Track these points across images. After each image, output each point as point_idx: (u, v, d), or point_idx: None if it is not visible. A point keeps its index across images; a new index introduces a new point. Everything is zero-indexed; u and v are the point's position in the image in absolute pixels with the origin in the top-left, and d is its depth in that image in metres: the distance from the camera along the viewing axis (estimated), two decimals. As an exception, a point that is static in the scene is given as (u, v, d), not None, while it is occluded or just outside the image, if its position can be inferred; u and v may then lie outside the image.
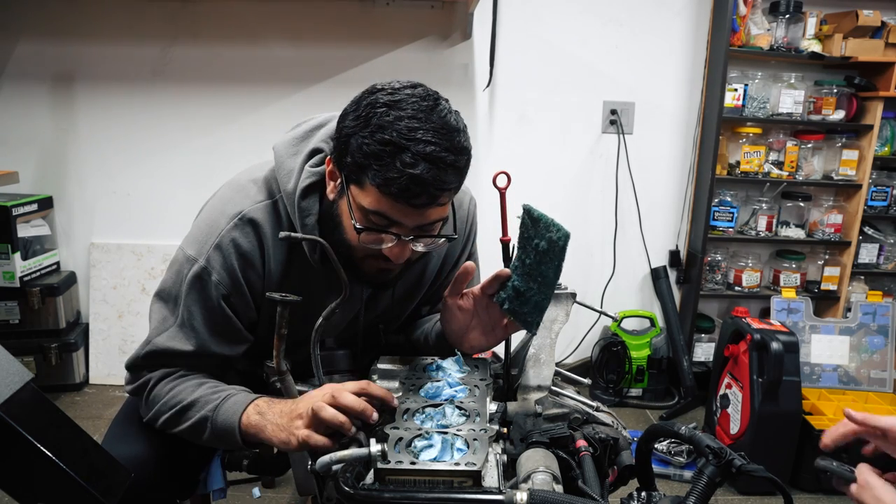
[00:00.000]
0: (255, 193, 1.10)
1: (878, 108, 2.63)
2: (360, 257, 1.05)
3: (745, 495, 2.14)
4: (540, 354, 1.07)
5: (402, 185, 0.92)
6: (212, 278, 1.05)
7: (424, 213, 0.97)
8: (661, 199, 2.87)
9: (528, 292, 1.00)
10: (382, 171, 0.92)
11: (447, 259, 1.28)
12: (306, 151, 1.09)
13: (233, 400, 1.02)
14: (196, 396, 1.04)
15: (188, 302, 1.06)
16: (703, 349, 2.84)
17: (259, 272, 1.09)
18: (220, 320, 1.08)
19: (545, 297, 0.99)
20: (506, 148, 2.77)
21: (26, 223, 2.54)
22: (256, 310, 1.12)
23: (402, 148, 0.91)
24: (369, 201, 0.96)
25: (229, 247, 1.06)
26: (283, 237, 0.97)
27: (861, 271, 2.82)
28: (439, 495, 0.79)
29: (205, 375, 1.10)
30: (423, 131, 0.92)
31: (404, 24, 2.63)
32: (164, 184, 2.72)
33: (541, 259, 0.96)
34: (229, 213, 1.07)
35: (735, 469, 0.79)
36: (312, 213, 1.06)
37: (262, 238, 1.08)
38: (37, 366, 2.59)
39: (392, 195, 0.93)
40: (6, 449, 0.78)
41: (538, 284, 0.98)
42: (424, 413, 0.95)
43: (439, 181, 0.93)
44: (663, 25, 2.71)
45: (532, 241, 0.97)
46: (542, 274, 0.97)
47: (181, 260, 1.08)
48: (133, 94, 2.65)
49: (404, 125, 0.92)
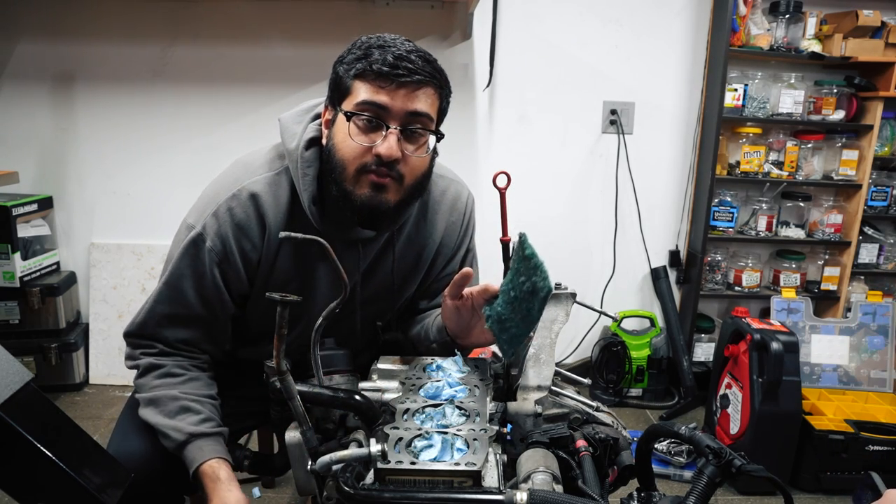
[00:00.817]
0: (258, 168, 1.14)
1: (878, 108, 2.63)
2: (354, 175, 1.06)
3: (745, 495, 2.14)
4: (540, 354, 1.07)
5: (382, 61, 1.02)
6: (206, 244, 1.10)
7: (408, 97, 1.03)
8: (661, 199, 2.87)
9: (508, 322, 1.01)
10: (364, 62, 1.03)
11: (443, 247, 1.29)
12: (311, 116, 1.16)
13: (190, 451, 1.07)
14: (163, 416, 1.08)
15: (180, 265, 1.11)
16: (703, 349, 2.84)
17: (255, 243, 1.12)
18: (209, 286, 1.12)
19: (522, 332, 1.01)
20: (506, 148, 2.77)
21: (26, 223, 2.54)
22: (250, 283, 1.16)
23: (380, 46, 1.04)
24: (356, 97, 1.04)
25: (225, 215, 1.10)
26: (283, 237, 0.98)
27: (861, 271, 2.82)
28: (439, 495, 0.79)
29: (188, 366, 1.14)
30: (401, 42, 1.06)
31: (404, 24, 2.63)
32: (165, 184, 2.72)
33: (525, 297, 0.97)
34: (230, 186, 1.12)
35: (735, 469, 0.79)
36: (313, 165, 1.11)
37: (262, 209, 1.11)
38: (37, 366, 2.59)
39: (374, 74, 1.02)
40: (6, 449, 0.78)
41: (519, 317, 0.99)
42: (424, 413, 0.95)
43: (416, 60, 1.04)
44: (663, 25, 2.71)
45: (520, 277, 0.97)
46: (525, 310, 0.98)
47: (181, 228, 1.14)
48: (133, 95, 2.65)
49: (383, 36, 1.07)
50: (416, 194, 1.13)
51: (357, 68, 1.03)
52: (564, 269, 2.84)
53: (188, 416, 1.08)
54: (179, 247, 1.12)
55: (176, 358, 1.14)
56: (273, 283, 1.15)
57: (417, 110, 1.05)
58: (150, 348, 1.14)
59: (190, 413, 1.08)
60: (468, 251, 1.34)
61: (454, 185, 1.29)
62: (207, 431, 1.08)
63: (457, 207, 1.28)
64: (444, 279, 1.31)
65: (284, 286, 1.13)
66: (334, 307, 0.97)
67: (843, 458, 2.13)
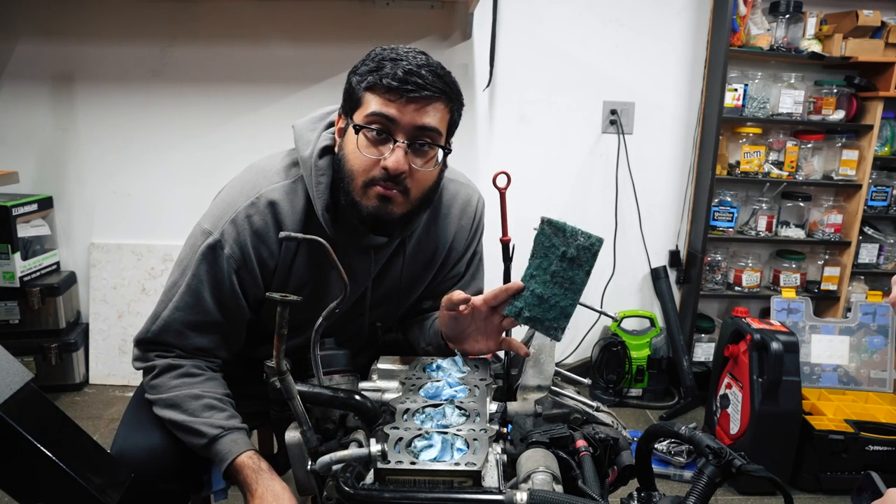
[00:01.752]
0: (275, 175, 1.15)
1: (878, 108, 2.63)
2: (362, 187, 1.07)
3: (745, 495, 2.14)
4: (540, 354, 1.07)
5: (392, 75, 1.03)
6: (224, 251, 1.10)
7: (417, 111, 1.04)
8: (661, 199, 2.87)
9: (554, 297, 1.03)
10: (375, 75, 1.04)
11: (453, 251, 1.30)
12: (324, 123, 1.17)
13: (223, 446, 1.06)
14: (186, 415, 1.08)
15: (198, 271, 1.11)
16: (703, 349, 2.84)
17: (273, 250, 1.13)
18: (227, 293, 1.12)
19: (572, 303, 1.03)
20: (506, 148, 2.77)
21: (26, 223, 2.54)
22: (266, 289, 1.16)
23: (393, 59, 1.05)
24: (366, 109, 1.05)
25: (244, 223, 1.10)
26: (283, 237, 0.98)
27: (861, 271, 2.82)
28: (439, 495, 0.79)
29: (204, 367, 1.14)
30: (413, 55, 1.07)
31: (404, 24, 2.63)
32: (165, 184, 2.72)
33: (568, 265, 1.01)
34: (248, 193, 1.12)
35: (735, 469, 0.79)
36: (326, 174, 1.12)
37: (279, 217, 1.12)
38: (37, 366, 2.59)
39: (384, 87, 1.03)
40: (6, 449, 0.78)
41: (564, 290, 1.02)
42: (424, 413, 0.95)
43: (426, 75, 1.04)
44: (663, 25, 2.71)
45: (557, 250, 1.01)
46: (571, 279, 1.02)
47: (196, 233, 1.13)
48: (133, 94, 2.65)
49: (397, 49, 1.08)
50: (423, 206, 1.14)
51: (368, 81, 1.05)
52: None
53: (216, 413, 1.09)
54: (196, 253, 1.11)
55: (193, 360, 1.15)
56: (288, 288, 1.15)
57: (426, 125, 1.05)
58: (166, 352, 1.14)
59: (216, 410, 1.09)
60: (474, 254, 1.35)
61: (465, 189, 1.30)
62: (239, 426, 1.09)
63: (467, 212, 1.29)
64: (449, 280, 1.32)
65: (298, 291, 1.13)
66: (334, 307, 0.97)
67: (843, 458, 2.13)
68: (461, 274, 1.33)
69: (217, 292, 1.12)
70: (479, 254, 1.36)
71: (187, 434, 1.08)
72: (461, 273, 1.33)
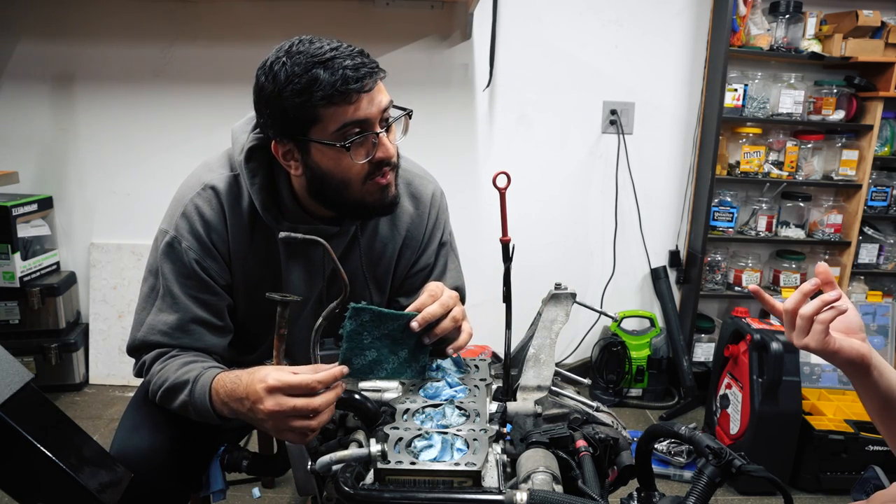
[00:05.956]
0: (217, 167, 1.18)
1: (877, 108, 2.63)
2: (361, 186, 1.09)
3: (745, 495, 2.14)
4: (540, 354, 1.07)
5: (342, 80, 0.99)
6: (182, 245, 1.13)
7: (375, 96, 1.04)
8: (661, 199, 2.87)
9: (381, 355, 1.03)
10: (323, 86, 0.99)
11: (409, 240, 1.30)
12: (252, 125, 1.17)
13: (199, 384, 1.03)
14: (173, 379, 1.06)
15: (164, 271, 1.13)
16: (703, 349, 2.84)
17: (222, 236, 1.15)
18: (196, 284, 1.14)
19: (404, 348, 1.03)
20: (506, 148, 2.77)
21: (26, 223, 2.54)
22: (231, 275, 1.18)
23: (322, 63, 1.00)
24: (332, 124, 1.02)
25: (193, 213, 1.13)
26: (283, 237, 0.98)
27: (861, 271, 2.82)
28: (439, 495, 0.79)
29: (194, 353, 1.13)
30: (331, 47, 1.02)
31: (404, 24, 2.63)
32: (165, 184, 2.68)
33: (390, 333, 1.01)
34: (193, 185, 1.16)
35: (735, 469, 0.79)
36: (258, 174, 1.13)
37: (223, 204, 1.15)
38: (37, 366, 2.59)
39: (341, 96, 1.00)
40: (6, 449, 0.78)
41: (388, 349, 1.02)
42: (424, 413, 0.95)
43: (363, 60, 1.02)
44: (663, 25, 2.71)
45: (378, 329, 1.01)
46: (390, 335, 1.02)
47: (157, 236, 1.17)
48: (133, 95, 2.65)
49: (308, 50, 1.01)
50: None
51: (318, 96, 1.00)
52: (564, 269, 2.84)
53: (195, 364, 1.08)
54: (158, 254, 1.14)
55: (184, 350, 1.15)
56: (249, 277, 1.18)
57: (385, 103, 1.07)
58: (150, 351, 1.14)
59: (197, 363, 1.09)
60: (441, 245, 1.34)
61: (418, 180, 1.31)
62: (216, 366, 1.09)
63: (421, 201, 1.30)
64: (418, 274, 1.33)
65: (260, 281, 1.16)
66: (334, 307, 0.97)
67: (842, 458, 2.13)
68: (431, 265, 1.33)
69: (187, 287, 1.13)
70: (447, 245, 1.36)
71: (175, 394, 1.04)
72: (430, 264, 1.33)
